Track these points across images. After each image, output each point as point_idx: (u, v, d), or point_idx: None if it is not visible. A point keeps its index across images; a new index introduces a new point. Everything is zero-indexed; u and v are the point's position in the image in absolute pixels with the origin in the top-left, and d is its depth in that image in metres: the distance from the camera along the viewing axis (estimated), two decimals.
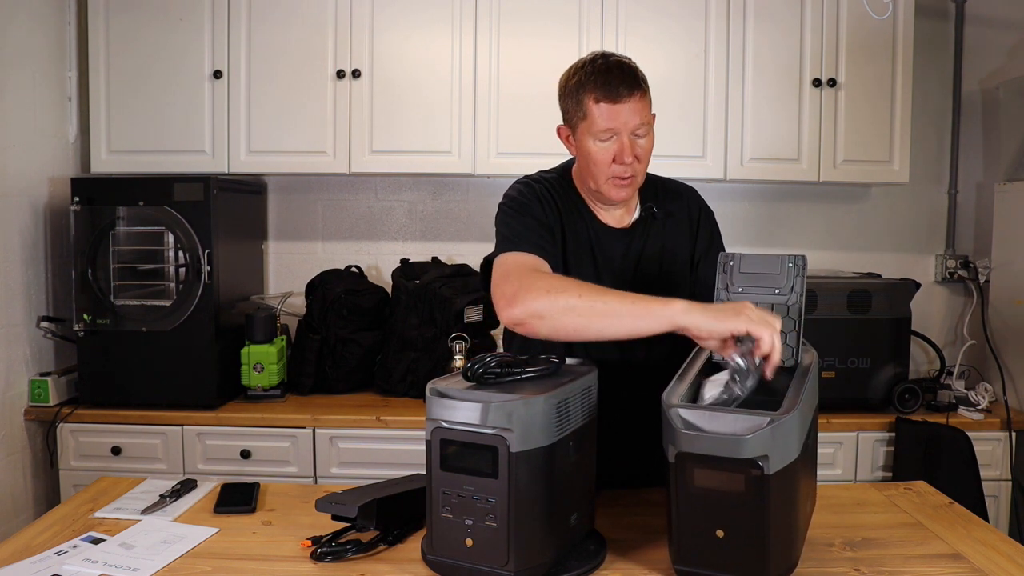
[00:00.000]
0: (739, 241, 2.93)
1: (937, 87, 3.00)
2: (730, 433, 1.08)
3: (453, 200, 3.02)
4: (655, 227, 1.61)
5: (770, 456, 1.07)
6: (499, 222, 1.54)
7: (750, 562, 1.11)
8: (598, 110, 1.46)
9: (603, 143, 1.48)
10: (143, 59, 2.64)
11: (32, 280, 2.51)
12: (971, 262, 2.94)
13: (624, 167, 1.48)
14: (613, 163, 1.48)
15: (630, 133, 1.47)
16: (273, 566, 1.27)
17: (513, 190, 1.58)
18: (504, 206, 1.56)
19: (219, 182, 2.49)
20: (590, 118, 1.47)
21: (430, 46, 2.64)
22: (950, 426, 2.44)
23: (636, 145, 1.48)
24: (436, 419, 1.16)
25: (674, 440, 1.12)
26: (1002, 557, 1.30)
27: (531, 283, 1.33)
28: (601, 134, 1.47)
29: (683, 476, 1.13)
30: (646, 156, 1.51)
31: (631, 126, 1.46)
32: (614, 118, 1.45)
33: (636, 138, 1.48)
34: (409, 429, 2.42)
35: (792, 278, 1.28)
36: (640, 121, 1.47)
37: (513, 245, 1.46)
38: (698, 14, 2.64)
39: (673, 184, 1.69)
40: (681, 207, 1.65)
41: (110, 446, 2.45)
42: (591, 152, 1.49)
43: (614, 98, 1.45)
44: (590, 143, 1.49)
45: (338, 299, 2.68)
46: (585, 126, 1.48)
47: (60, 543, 1.34)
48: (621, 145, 1.47)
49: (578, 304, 1.28)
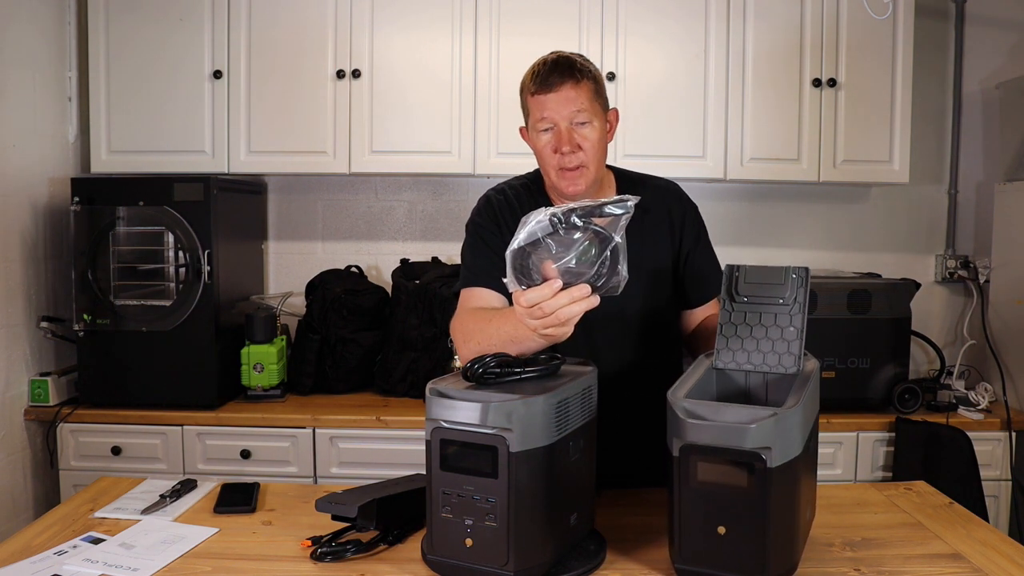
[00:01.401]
0: (739, 241, 2.93)
1: (937, 87, 3.00)
2: (734, 422, 1.10)
3: (453, 200, 3.02)
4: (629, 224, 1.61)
5: (773, 448, 1.08)
6: (462, 250, 1.66)
7: (750, 561, 1.11)
8: (534, 102, 1.51)
9: (543, 134, 1.51)
10: (143, 59, 2.64)
11: (32, 280, 2.51)
12: (971, 262, 2.94)
13: (566, 157, 1.49)
14: (556, 153, 1.50)
15: (568, 122, 1.49)
16: (273, 566, 1.27)
17: (474, 210, 1.66)
18: (466, 232, 1.65)
19: (219, 182, 2.49)
20: (530, 111, 1.53)
21: (430, 46, 2.64)
22: (950, 426, 2.44)
23: (576, 134, 1.49)
24: (436, 419, 1.16)
25: (678, 432, 1.14)
26: (1002, 557, 1.30)
27: (460, 330, 1.50)
28: (539, 124, 1.51)
29: (686, 470, 1.13)
30: (592, 146, 1.51)
31: (565, 114, 1.48)
32: (545, 107, 1.49)
33: (577, 126, 1.49)
34: (409, 429, 2.42)
35: (795, 289, 1.30)
36: (576, 108, 1.48)
37: (465, 280, 1.59)
38: (698, 14, 2.64)
39: (652, 180, 1.69)
40: (660, 204, 1.64)
41: (110, 446, 2.45)
42: (536, 145, 1.54)
43: (546, 88, 1.48)
44: (535, 137, 1.53)
45: (338, 299, 2.68)
46: (530, 122, 1.54)
47: (60, 543, 1.34)
48: (558, 133, 1.49)
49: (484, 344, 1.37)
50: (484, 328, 1.41)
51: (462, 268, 1.64)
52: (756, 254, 2.96)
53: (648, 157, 2.59)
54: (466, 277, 1.60)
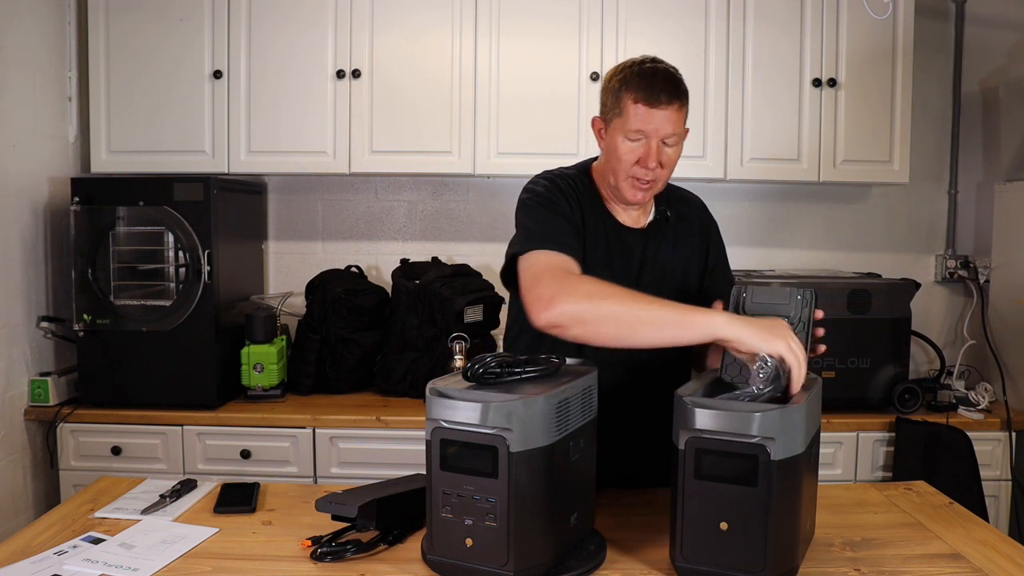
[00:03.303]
0: (739, 241, 2.93)
1: (937, 87, 3.00)
2: (741, 411, 1.12)
3: (453, 200, 3.02)
4: (668, 231, 1.64)
5: (777, 440, 1.10)
6: (524, 215, 1.51)
7: (751, 559, 1.12)
8: (634, 110, 1.47)
9: (632, 143, 1.49)
10: (143, 59, 2.64)
11: (32, 280, 2.51)
12: (971, 262, 2.94)
13: (647, 171, 1.49)
14: (636, 164, 1.49)
15: (660, 139, 1.48)
16: (273, 566, 1.27)
17: (538, 184, 1.57)
18: (528, 200, 1.53)
19: (219, 182, 2.49)
20: (625, 116, 1.48)
21: (430, 46, 2.64)
22: (950, 426, 2.44)
23: (663, 152, 1.49)
24: (436, 419, 1.16)
25: (685, 422, 1.15)
26: (1002, 557, 1.30)
27: (571, 287, 1.33)
28: (632, 134, 1.48)
29: (691, 463, 1.15)
30: (671, 165, 1.52)
31: (663, 133, 1.48)
32: (648, 121, 1.47)
33: (665, 146, 1.50)
34: (409, 429, 2.42)
35: (800, 309, 1.33)
36: (672, 131, 1.48)
37: (541, 243, 1.43)
38: (698, 14, 2.64)
39: (682, 191, 1.72)
40: (692, 215, 1.68)
41: (110, 446, 2.45)
42: (618, 148, 1.50)
43: (653, 102, 1.46)
44: (620, 140, 1.50)
45: (338, 299, 2.68)
46: (619, 123, 1.50)
47: (60, 543, 1.34)
48: (648, 149, 1.48)
49: (620, 312, 1.29)
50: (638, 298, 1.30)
51: (524, 232, 1.47)
52: (756, 254, 2.96)
53: None
54: (538, 237, 1.44)
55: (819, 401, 1.30)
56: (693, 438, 1.14)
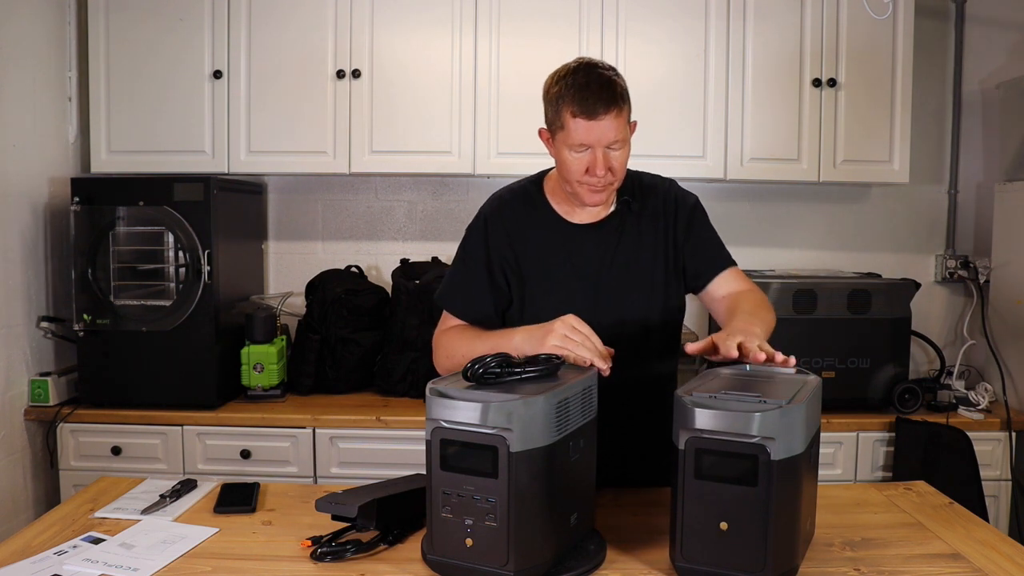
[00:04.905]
0: (739, 241, 2.91)
1: (937, 87, 3.00)
2: (741, 410, 1.12)
3: (453, 200, 3.02)
4: (630, 220, 1.63)
5: (777, 440, 1.10)
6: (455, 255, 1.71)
7: (751, 559, 1.12)
8: (574, 124, 1.48)
9: (577, 154, 1.50)
10: (143, 59, 2.64)
11: (32, 280, 2.51)
12: (971, 262, 2.94)
13: (596, 178, 1.50)
14: (586, 173, 1.51)
15: (604, 147, 1.49)
16: (273, 566, 1.27)
17: (475, 221, 1.69)
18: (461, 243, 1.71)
19: (219, 182, 2.49)
20: (567, 130, 1.49)
21: (430, 46, 2.64)
22: (950, 426, 2.44)
23: (610, 158, 1.50)
24: (436, 419, 1.16)
25: (685, 422, 1.15)
26: (1002, 557, 1.30)
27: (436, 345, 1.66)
28: (576, 147, 1.50)
29: (691, 463, 1.15)
30: (621, 167, 1.53)
31: (605, 141, 1.48)
32: (589, 133, 1.47)
33: (611, 151, 1.50)
34: (409, 429, 2.42)
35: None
36: (615, 137, 1.49)
37: (445, 301, 1.68)
38: (698, 14, 2.64)
39: (649, 178, 1.70)
40: (656, 201, 1.66)
41: (110, 446, 2.45)
42: (566, 161, 1.52)
43: (590, 115, 1.46)
44: (565, 152, 1.52)
45: (338, 299, 2.68)
46: (562, 136, 1.51)
47: (60, 543, 1.34)
48: (594, 158, 1.49)
49: (455, 357, 1.54)
50: (462, 345, 1.56)
51: (447, 279, 1.70)
52: (756, 254, 2.96)
53: (648, 157, 2.57)
54: (445, 292, 1.68)
55: (819, 401, 1.29)
56: (693, 438, 1.14)
